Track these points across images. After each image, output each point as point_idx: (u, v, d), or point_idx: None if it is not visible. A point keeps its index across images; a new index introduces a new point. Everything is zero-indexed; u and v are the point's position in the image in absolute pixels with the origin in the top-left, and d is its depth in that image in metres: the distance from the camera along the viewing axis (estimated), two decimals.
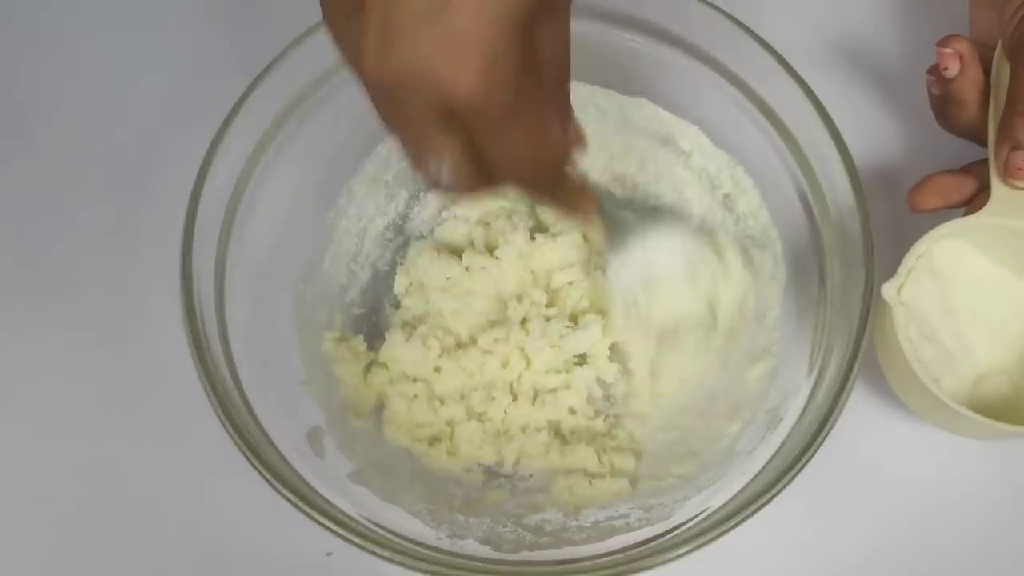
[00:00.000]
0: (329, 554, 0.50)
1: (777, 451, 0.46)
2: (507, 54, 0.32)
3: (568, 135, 0.39)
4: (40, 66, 0.62)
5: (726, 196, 0.55)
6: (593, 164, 0.58)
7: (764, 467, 0.46)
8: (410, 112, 0.34)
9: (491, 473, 0.52)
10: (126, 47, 0.63)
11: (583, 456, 0.51)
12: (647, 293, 0.48)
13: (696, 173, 0.56)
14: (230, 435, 0.44)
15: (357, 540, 0.43)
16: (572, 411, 0.53)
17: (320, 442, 0.49)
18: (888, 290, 0.48)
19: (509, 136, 0.34)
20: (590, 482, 0.50)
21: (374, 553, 0.43)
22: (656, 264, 0.48)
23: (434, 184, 0.37)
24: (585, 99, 0.56)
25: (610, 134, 0.57)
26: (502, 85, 0.32)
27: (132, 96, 0.61)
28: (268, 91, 0.49)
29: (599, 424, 0.53)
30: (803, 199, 0.51)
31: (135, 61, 0.62)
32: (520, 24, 0.32)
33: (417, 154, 0.36)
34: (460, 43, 0.31)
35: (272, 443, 0.45)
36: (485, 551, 0.46)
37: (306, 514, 0.43)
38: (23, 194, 0.59)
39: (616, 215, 0.49)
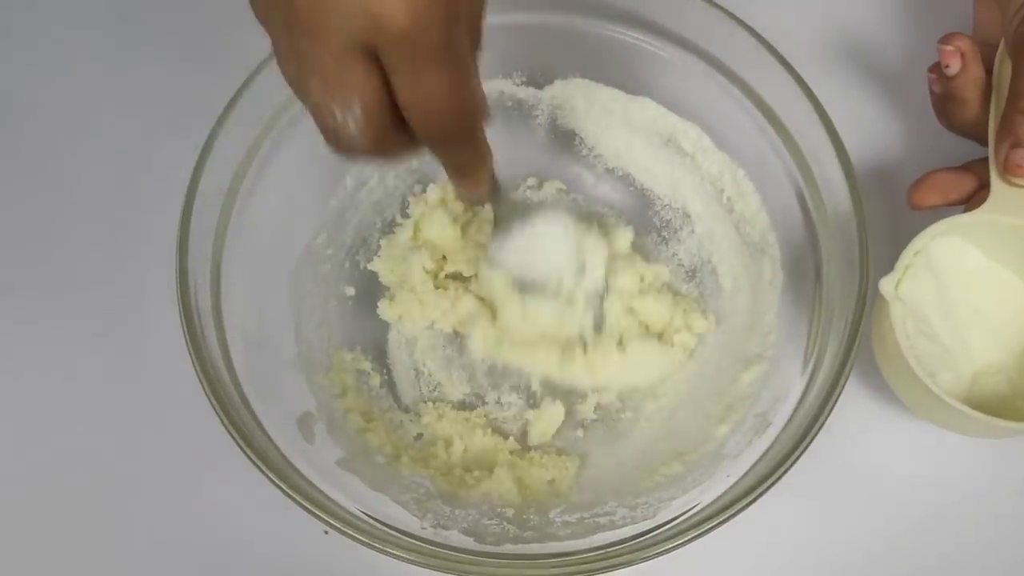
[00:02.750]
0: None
1: (763, 455, 0.46)
2: None
3: (480, 91, 0.38)
4: (39, 68, 0.63)
5: (728, 199, 0.55)
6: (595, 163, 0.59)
7: (749, 470, 0.46)
8: (330, 44, 0.33)
9: None
10: (124, 47, 0.63)
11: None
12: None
13: (698, 175, 0.56)
14: (222, 421, 0.44)
15: (340, 527, 0.43)
16: None
17: (310, 428, 0.49)
18: (886, 285, 0.48)
19: (432, 77, 0.34)
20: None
21: (358, 540, 0.43)
22: (541, 248, 0.49)
23: (336, 140, 0.36)
24: (591, 98, 0.57)
25: (614, 133, 0.57)
26: (440, 17, 0.32)
27: (130, 96, 0.62)
28: (264, 86, 0.49)
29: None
30: (801, 200, 0.51)
31: (133, 61, 0.63)
32: None
33: (326, 98, 0.34)
34: None
35: (262, 428, 0.46)
36: (468, 542, 0.46)
37: (292, 499, 0.43)
38: (21, 194, 0.60)
39: (507, 197, 0.49)
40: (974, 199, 0.52)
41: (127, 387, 0.55)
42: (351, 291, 0.56)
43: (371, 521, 0.45)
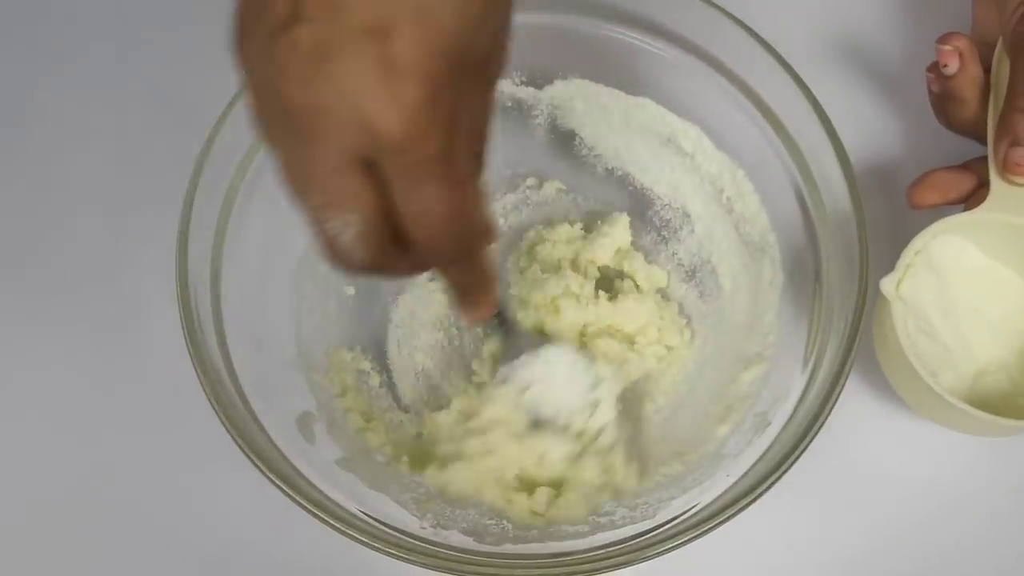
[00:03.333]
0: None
1: (763, 455, 0.46)
2: (446, 95, 0.31)
3: (485, 213, 0.36)
4: (37, 69, 0.63)
5: (727, 199, 0.55)
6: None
7: (749, 470, 0.46)
8: (327, 153, 0.32)
9: None
10: (123, 47, 0.63)
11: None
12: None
13: (698, 175, 0.56)
14: (222, 421, 0.44)
15: (340, 527, 0.43)
16: None
17: (310, 428, 0.49)
18: (887, 285, 0.48)
19: (429, 191, 0.32)
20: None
21: (358, 540, 0.43)
22: (546, 378, 0.48)
23: (333, 253, 0.35)
24: (590, 98, 0.56)
25: (614, 133, 0.57)
26: (436, 128, 0.31)
27: (129, 96, 0.62)
28: None
29: None
30: (800, 200, 0.51)
31: (132, 60, 0.63)
32: (461, 67, 0.31)
33: (324, 211, 0.33)
34: (400, 73, 0.30)
35: (262, 428, 0.46)
36: (468, 542, 0.46)
37: (292, 499, 0.43)
38: (19, 196, 0.60)
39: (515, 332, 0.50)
40: (974, 198, 0.52)
41: (127, 387, 0.55)
42: (351, 291, 0.56)
43: (371, 521, 0.45)
